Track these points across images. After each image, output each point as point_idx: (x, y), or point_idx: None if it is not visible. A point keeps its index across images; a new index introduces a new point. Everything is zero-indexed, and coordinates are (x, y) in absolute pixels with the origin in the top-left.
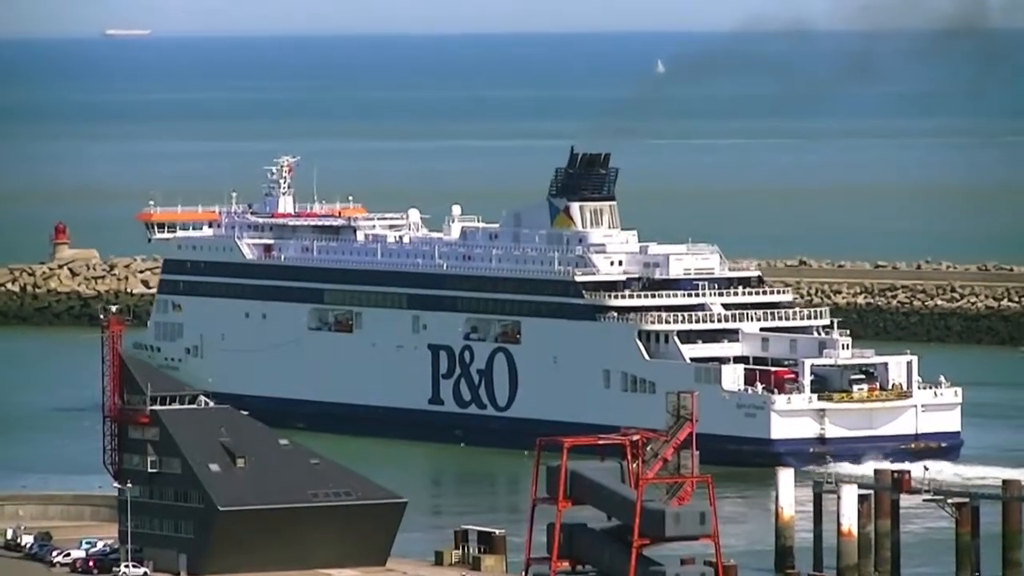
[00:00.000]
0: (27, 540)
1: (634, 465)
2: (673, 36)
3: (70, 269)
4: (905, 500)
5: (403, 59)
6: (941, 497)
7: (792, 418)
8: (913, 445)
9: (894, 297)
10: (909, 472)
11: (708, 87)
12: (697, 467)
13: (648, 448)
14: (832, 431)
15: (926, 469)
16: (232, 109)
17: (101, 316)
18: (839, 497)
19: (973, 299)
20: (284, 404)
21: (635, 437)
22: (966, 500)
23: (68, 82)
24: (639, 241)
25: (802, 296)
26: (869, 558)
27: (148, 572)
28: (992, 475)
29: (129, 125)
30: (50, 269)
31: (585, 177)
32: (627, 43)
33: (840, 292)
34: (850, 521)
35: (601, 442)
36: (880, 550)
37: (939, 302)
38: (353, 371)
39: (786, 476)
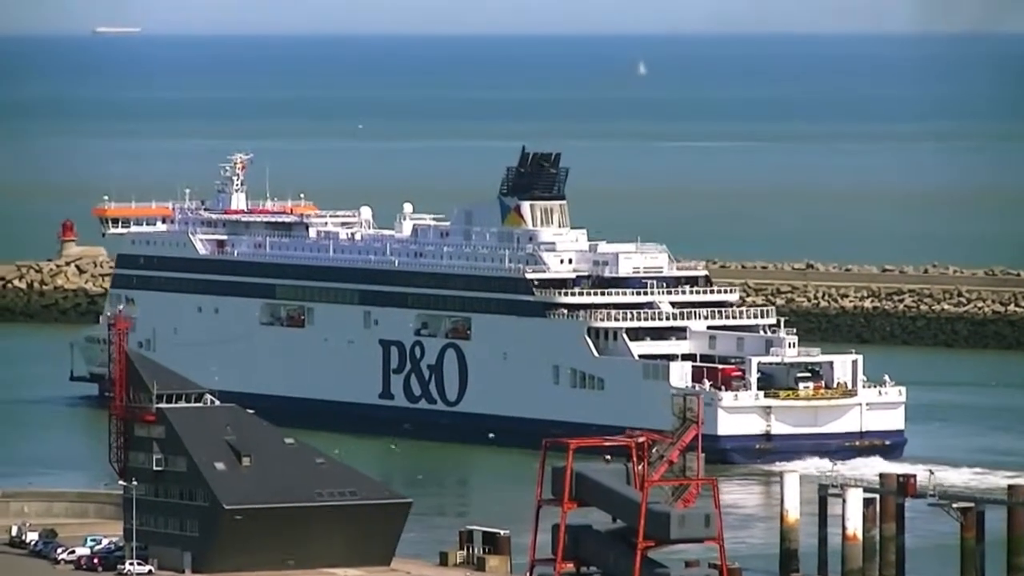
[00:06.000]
0: (32, 537)
1: (639, 467)
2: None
3: (77, 266)
4: (910, 504)
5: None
6: (947, 501)
7: (738, 415)
8: (857, 443)
9: (901, 301)
10: (915, 476)
11: (696, 90)
12: (703, 469)
13: (653, 450)
14: (778, 428)
15: (931, 473)
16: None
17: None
18: (844, 501)
19: (980, 304)
20: (236, 398)
21: (641, 439)
22: (971, 505)
23: (62, 79)
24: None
25: (808, 300)
26: (874, 562)
27: (153, 570)
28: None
29: (121, 124)
30: (57, 266)
31: (536, 176)
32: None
33: (847, 296)
34: (855, 525)
35: (607, 443)
36: (885, 554)
37: (946, 306)
38: (304, 366)
39: (792, 480)
